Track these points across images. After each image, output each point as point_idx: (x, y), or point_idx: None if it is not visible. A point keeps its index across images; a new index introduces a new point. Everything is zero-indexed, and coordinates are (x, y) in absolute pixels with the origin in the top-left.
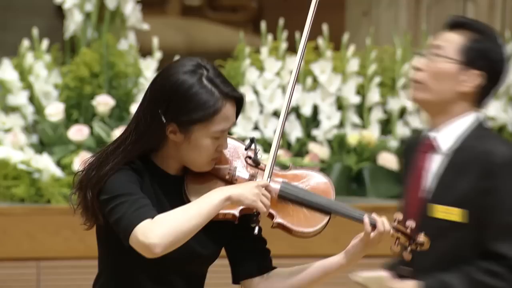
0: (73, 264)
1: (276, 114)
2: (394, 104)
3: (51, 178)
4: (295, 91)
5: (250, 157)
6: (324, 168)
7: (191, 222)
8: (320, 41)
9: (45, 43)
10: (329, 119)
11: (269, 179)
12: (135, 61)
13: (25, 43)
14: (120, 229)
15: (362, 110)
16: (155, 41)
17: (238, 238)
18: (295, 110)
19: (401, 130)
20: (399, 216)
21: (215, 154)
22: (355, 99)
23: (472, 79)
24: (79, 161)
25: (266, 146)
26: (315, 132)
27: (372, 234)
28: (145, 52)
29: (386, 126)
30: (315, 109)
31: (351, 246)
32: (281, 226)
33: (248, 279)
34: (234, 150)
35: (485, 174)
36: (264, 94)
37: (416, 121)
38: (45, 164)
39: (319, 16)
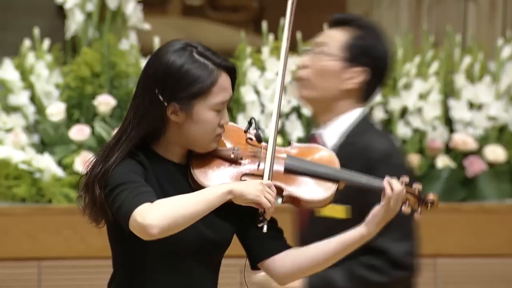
0: (74, 264)
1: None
2: (395, 104)
3: (52, 178)
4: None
5: (251, 139)
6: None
7: (190, 208)
8: None
9: (46, 43)
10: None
11: (270, 177)
12: (136, 61)
13: (26, 43)
14: (121, 216)
15: None
16: (156, 41)
17: (250, 221)
18: (296, 110)
19: (402, 130)
20: (405, 178)
21: (218, 129)
22: None
23: (356, 76)
24: (81, 161)
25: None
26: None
27: (393, 202)
28: (146, 52)
29: (387, 126)
30: None
31: (371, 215)
32: (291, 199)
33: (267, 259)
34: (234, 132)
35: (366, 170)
36: (265, 94)
37: (417, 121)
38: (46, 164)
39: (320, 17)
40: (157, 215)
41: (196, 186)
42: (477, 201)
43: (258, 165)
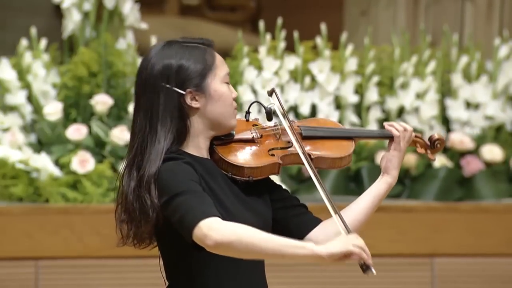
0: (72, 263)
1: (275, 113)
2: (392, 104)
3: (50, 177)
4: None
5: (256, 124)
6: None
7: (261, 246)
8: (319, 41)
9: (43, 43)
10: (327, 118)
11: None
12: (134, 61)
13: (24, 42)
14: (184, 225)
15: (360, 109)
16: (154, 40)
17: (278, 201)
18: (294, 109)
19: None
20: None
21: (233, 103)
22: (353, 99)
23: None
24: (78, 160)
25: None
26: None
27: (404, 136)
28: (144, 51)
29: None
30: (314, 108)
31: (388, 161)
32: (321, 160)
33: (310, 234)
34: (239, 124)
35: None
36: (263, 93)
37: (414, 121)
38: (43, 163)
39: (318, 16)
40: (223, 231)
41: (229, 169)
42: (474, 201)
43: (279, 138)
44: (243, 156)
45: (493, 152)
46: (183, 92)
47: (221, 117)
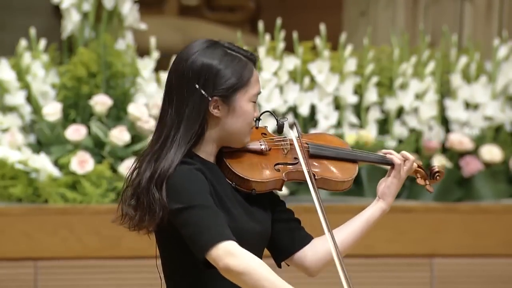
0: (71, 264)
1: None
2: (391, 104)
3: (49, 178)
4: (293, 92)
5: (265, 134)
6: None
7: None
8: (318, 41)
9: (42, 43)
10: (326, 119)
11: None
12: (133, 61)
13: (23, 43)
14: (199, 243)
15: (359, 110)
16: (153, 41)
17: (276, 212)
18: (293, 110)
19: (399, 130)
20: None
21: (253, 122)
22: (352, 99)
23: None
24: (77, 160)
25: None
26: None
27: (405, 166)
28: (143, 52)
29: (383, 126)
30: (313, 109)
31: (385, 188)
32: (322, 181)
33: (299, 252)
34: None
35: None
36: (262, 94)
37: (414, 121)
38: (43, 164)
39: (317, 16)
40: (241, 262)
41: (234, 179)
42: (473, 201)
43: (286, 153)
44: (249, 168)
45: (492, 153)
46: (210, 98)
47: (237, 133)
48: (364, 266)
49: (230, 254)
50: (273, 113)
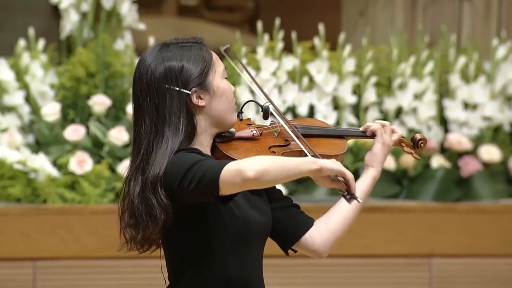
0: (69, 264)
1: (273, 114)
2: (390, 104)
3: (47, 178)
4: (292, 91)
5: (249, 124)
6: None
7: (283, 164)
8: (317, 41)
9: (41, 43)
10: (325, 119)
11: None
12: (131, 61)
13: (21, 43)
14: (208, 178)
15: (358, 110)
16: (152, 41)
17: (274, 201)
18: (292, 110)
19: None
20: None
21: (234, 97)
22: (351, 99)
23: None
24: (75, 161)
25: None
26: None
27: (385, 132)
28: (142, 52)
29: None
30: (312, 109)
31: (372, 155)
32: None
33: (305, 235)
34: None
35: None
36: (260, 94)
37: (412, 121)
38: (41, 164)
39: (316, 16)
40: (253, 162)
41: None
42: (472, 201)
43: (276, 136)
44: (246, 154)
45: (491, 153)
46: (189, 92)
47: (224, 113)
48: (363, 266)
49: (242, 165)
50: (254, 100)
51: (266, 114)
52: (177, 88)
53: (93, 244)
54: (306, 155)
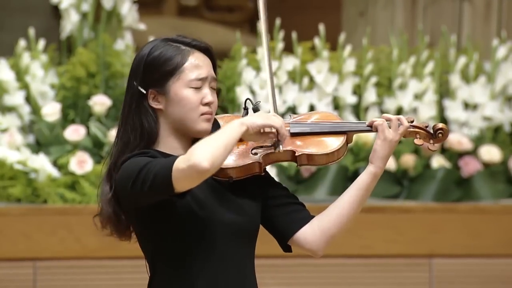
0: (69, 264)
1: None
2: (390, 104)
3: (48, 178)
4: (291, 91)
5: None
6: (321, 168)
7: (222, 140)
8: (317, 41)
9: (41, 43)
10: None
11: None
12: (132, 61)
13: (22, 43)
14: (160, 178)
15: (358, 110)
16: None
17: (270, 198)
18: (292, 110)
19: None
20: (411, 118)
21: (202, 108)
22: (351, 99)
23: None
24: (76, 161)
25: None
26: None
27: (390, 127)
28: None
29: None
30: (312, 109)
31: (373, 151)
32: (305, 157)
33: (298, 233)
34: (231, 119)
35: None
36: (261, 94)
37: None
38: (42, 164)
39: (316, 16)
40: (199, 153)
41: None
42: (472, 201)
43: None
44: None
45: (491, 153)
46: (144, 92)
47: (183, 121)
48: (363, 266)
49: (190, 160)
50: (249, 99)
51: (256, 112)
52: (137, 85)
53: (93, 244)
54: (290, 153)
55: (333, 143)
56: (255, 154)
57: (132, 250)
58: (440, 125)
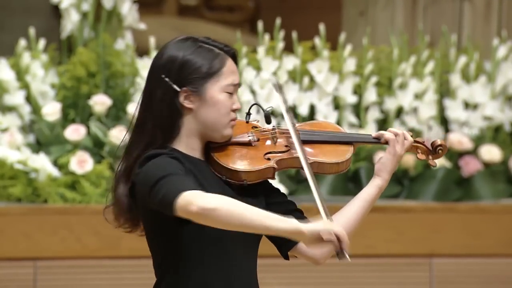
0: (70, 264)
1: (273, 113)
2: (390, 104)
3: (48, 177)
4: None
5: (255, 127)
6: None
7: (245, 215)
8: (317, 41)
9: (41, 43)
10: (326, 118)
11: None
12: (132, 61)
13: (22, 42)
14: (167, 199)
15: (359, 109)
16: (152, 40)
17: (272, 204)
18: (292, 110)
19: None
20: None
21: (232, 114)
22: (351, 99)
23: None
24: (76, 160)
25: None
26: None
27: (397, 141)
28: (142, 51)
29: (382, 126)
30: (312, 109)
31: (380, 165)
32: (316, 165)
33: (299, 244)
34: (239, 126)
35: None
36: (261, 93)
37: (413, 121)
38: (42, 163)
39: (316, 16)
40: (207, 197)
41: (223, 172)
42: (473, 201)
43: (276, 142)
44: (238, 160)
45: (491, 153)
46: (179, 90)
47: (213, 124)
48: (363, 266)
49: (196, 197)
50: (259, 104)
51: (268, 118)
52: (170, 82)
53: (94, 244)
54: (298, 162)
55: (343, 153)
56: (269, 159)
57: (132, 250)
58: (439, 141)
